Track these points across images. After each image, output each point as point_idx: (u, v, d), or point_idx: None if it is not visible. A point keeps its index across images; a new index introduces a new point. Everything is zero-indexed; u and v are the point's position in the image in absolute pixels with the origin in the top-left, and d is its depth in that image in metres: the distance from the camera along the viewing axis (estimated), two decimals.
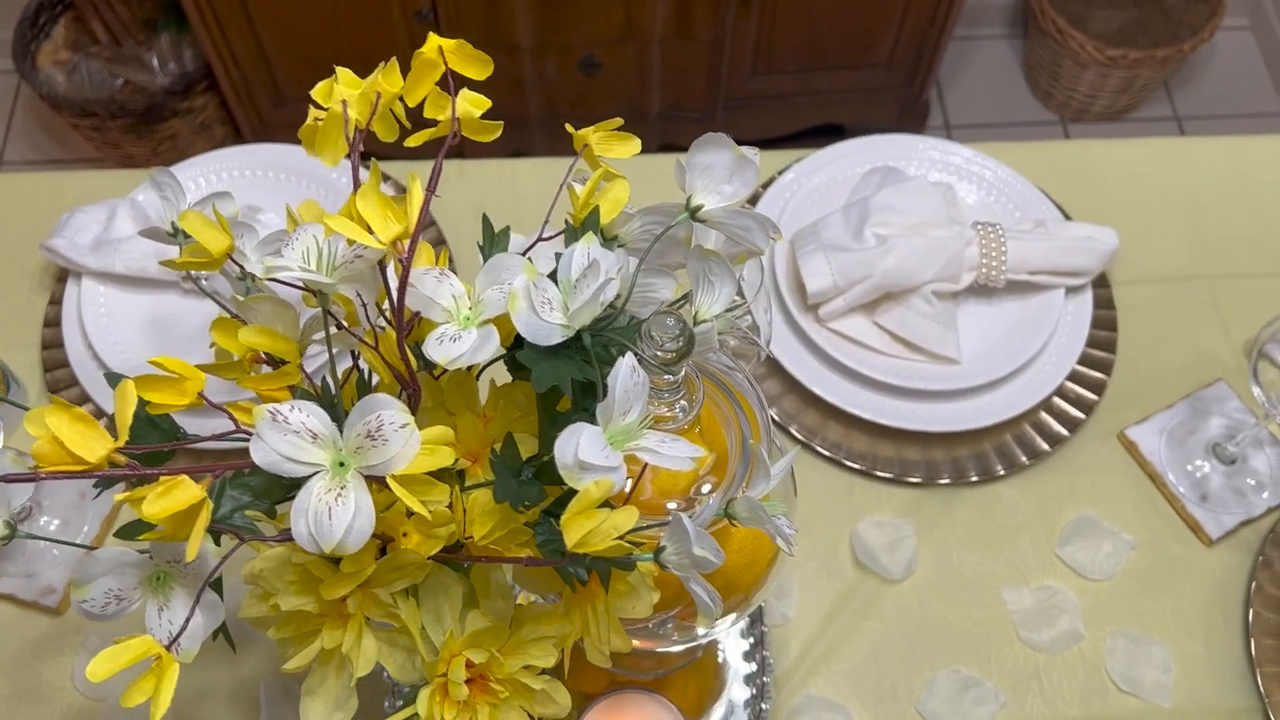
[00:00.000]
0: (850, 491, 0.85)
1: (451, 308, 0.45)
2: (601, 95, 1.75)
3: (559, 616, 0.52)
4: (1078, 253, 0.87)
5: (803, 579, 0.82)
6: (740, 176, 0.47)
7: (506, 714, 0.51)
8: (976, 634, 0.80)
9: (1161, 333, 0.92)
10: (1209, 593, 0.82)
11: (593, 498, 0.40)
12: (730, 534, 0.61)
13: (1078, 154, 1.01)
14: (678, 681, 0.82)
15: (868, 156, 0.95)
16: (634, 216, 0.49)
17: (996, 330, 0.88)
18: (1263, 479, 0.85)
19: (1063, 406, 0.87)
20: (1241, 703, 0.78)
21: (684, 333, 0.45)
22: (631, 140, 0.50)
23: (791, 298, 0.88)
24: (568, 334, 0.45)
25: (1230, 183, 1.00)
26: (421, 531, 0.47)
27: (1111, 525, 0.83)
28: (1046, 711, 0.77)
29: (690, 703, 0.82)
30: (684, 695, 0.82)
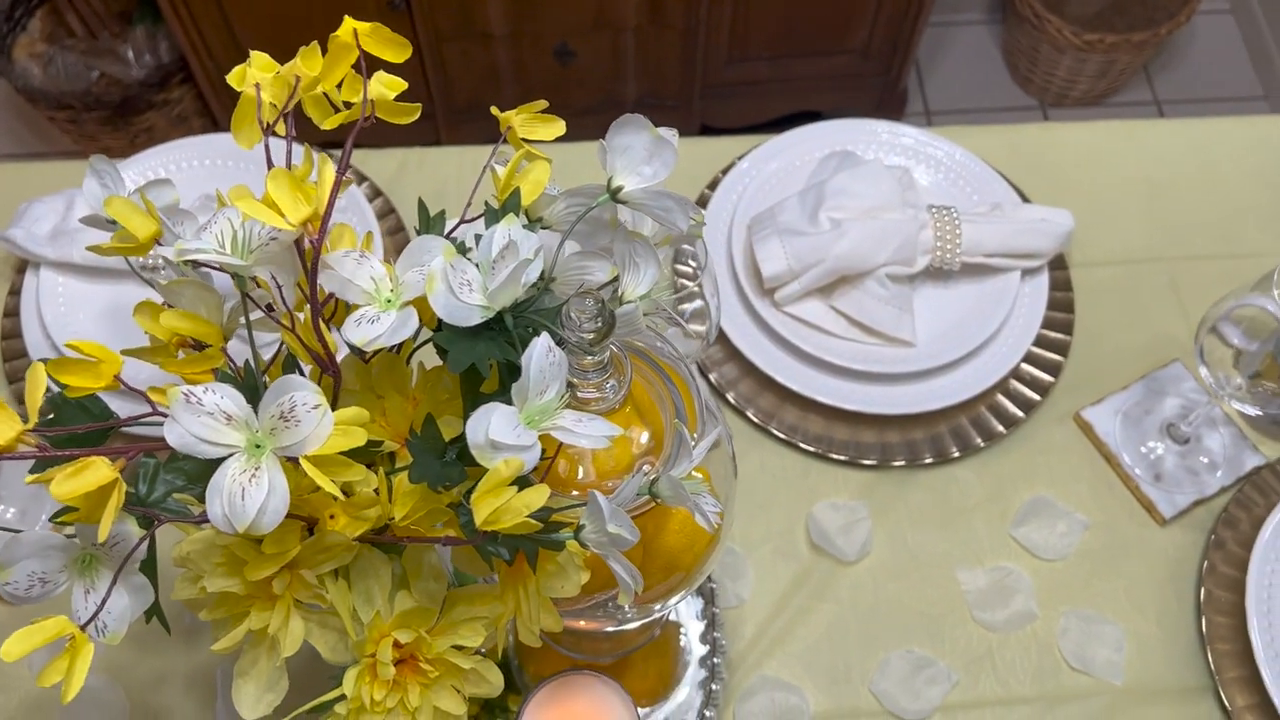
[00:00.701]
0: (807, 474, 0.86)
1: (371, 290, 0.46)
2: (576, 84, 1.75)
3: (491, 597, 0.52)
4: (1032, 235, 0.87)
5: (758, 561, 0.82)
6: (659, 158, 0.47)
7: (438, 693, 0.51)
8: (930, 614, 0.80)
9: (1119, 314, 0.92)
10: (1162, 572, 0.82)
11: (502, 476, 0.40)
12: (670, 514, 0.61)
13: (1037, 137, 1.02)
14: (638, 665, 0.83)
15: (826, 141, 0.95)
16: (558, 198, 0.49)
17: (952, 313, 0.89)
18: (1216, 458, 0.85)
19: (1018, 388, 0.88)
20: (1193, 681, 0.78)
21: (602, 313, 0.45)
22: (555, 122, 0.50)
23: (748, 282, 0.88)
24: (488, 315, 0.45)
25: (1188, 165, 1.01)
26: (348, 513, 0.48)
27: (1066, 506, 0.84)
28: (999, 690, 0.78)
29: (651, 685, 0.83)
30: (645, 679, 0.83)
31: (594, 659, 0.81)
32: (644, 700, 0.82)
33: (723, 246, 0.91)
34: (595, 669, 0.83)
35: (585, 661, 0.82)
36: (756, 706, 0.77)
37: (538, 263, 0.47)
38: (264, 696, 0.50)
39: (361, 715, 0.50)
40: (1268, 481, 0.84)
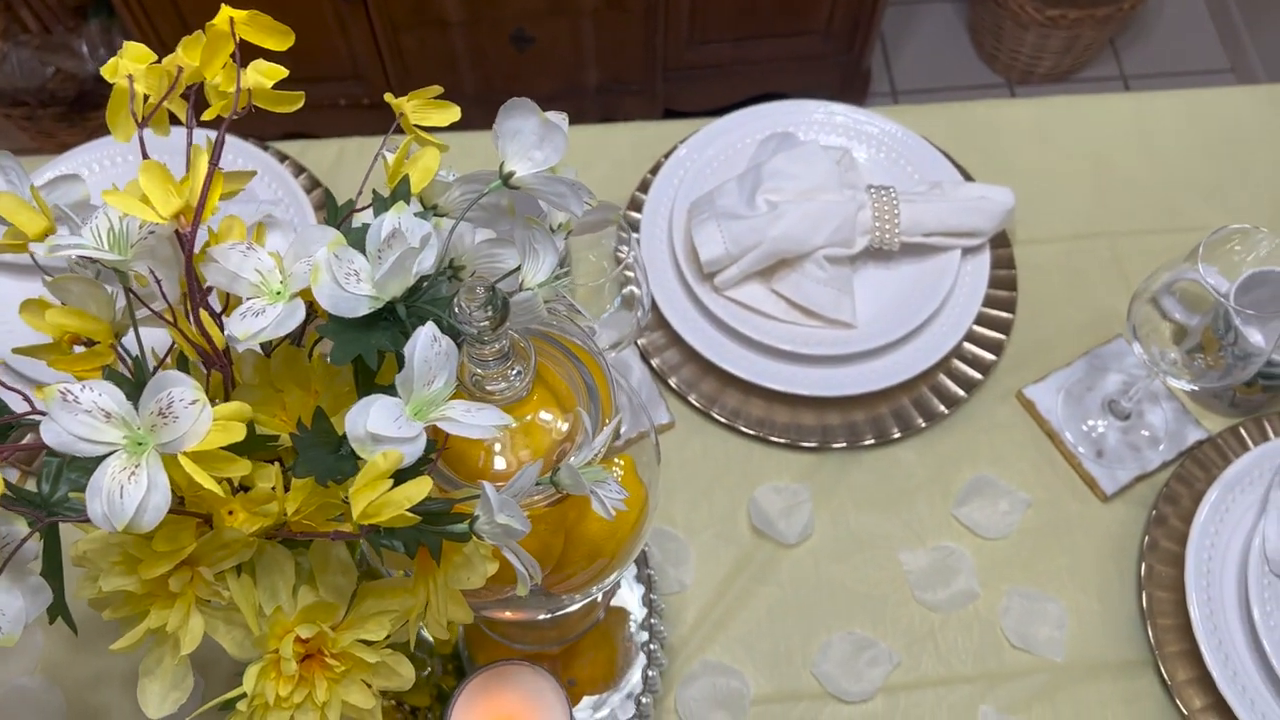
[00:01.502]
0: (749, 458, 0.85)
1: (259, 282, 0.45)
2: (536, 70, 1.74)
3: (402, 590, 0.52)
4: (971, 213, 0.87)
5: (700, 546, 0.82)
6: (550, 142, 0.46)
7: (347, 688, 0.51)
8: (872, 596, 0.80)
9: (1062, 291, 0.92)
10: (1104, 548, 0.82)
11: (380, 469, 0.40)
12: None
13: (982, 115, 1.01)
14: (586, 652, 0.82)
15: (766, 123, 0.94)
16: (452, 185, 0.49)
17: (893, 294, 0.88)
18: (1158, 433, 0.85)
19: (960, 368, 0.88)
20: (1134, 655, 0.78)
21: (492, 302, 0.44)
22: (450, 108, 0.49)
23: (688, 267, 0.88)
24: (377, 305, 0.44)
25: (1132, 138, 1.00)
26: (247, 509, 0.47)
27: (1008, 484, 0.84)
28: (941, 670, 0.78)
29: (600, 672, 0.82)
30: (594, 665, 0.83)
31: (541, 648, 0.81)
32: (594, 688, 0.82)
33: (664, 231, 0.91)
34: (544, 657, 0.83)
35: (533, 651, 0.81)
36: (697, 691, 0.77)
37: (431, 251, 0.46)
38: (169, 695, 0.49)
39: (269, 712, 0.49)
40: (1209, 456, 0.84)
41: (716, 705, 0.76)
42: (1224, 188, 0.98)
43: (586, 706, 0.79)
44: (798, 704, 0.77)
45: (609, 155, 0.99)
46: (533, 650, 0.81)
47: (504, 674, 0.69)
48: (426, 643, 0.82)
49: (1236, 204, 0.97)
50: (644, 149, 0.99)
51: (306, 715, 0.50)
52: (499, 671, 0.69)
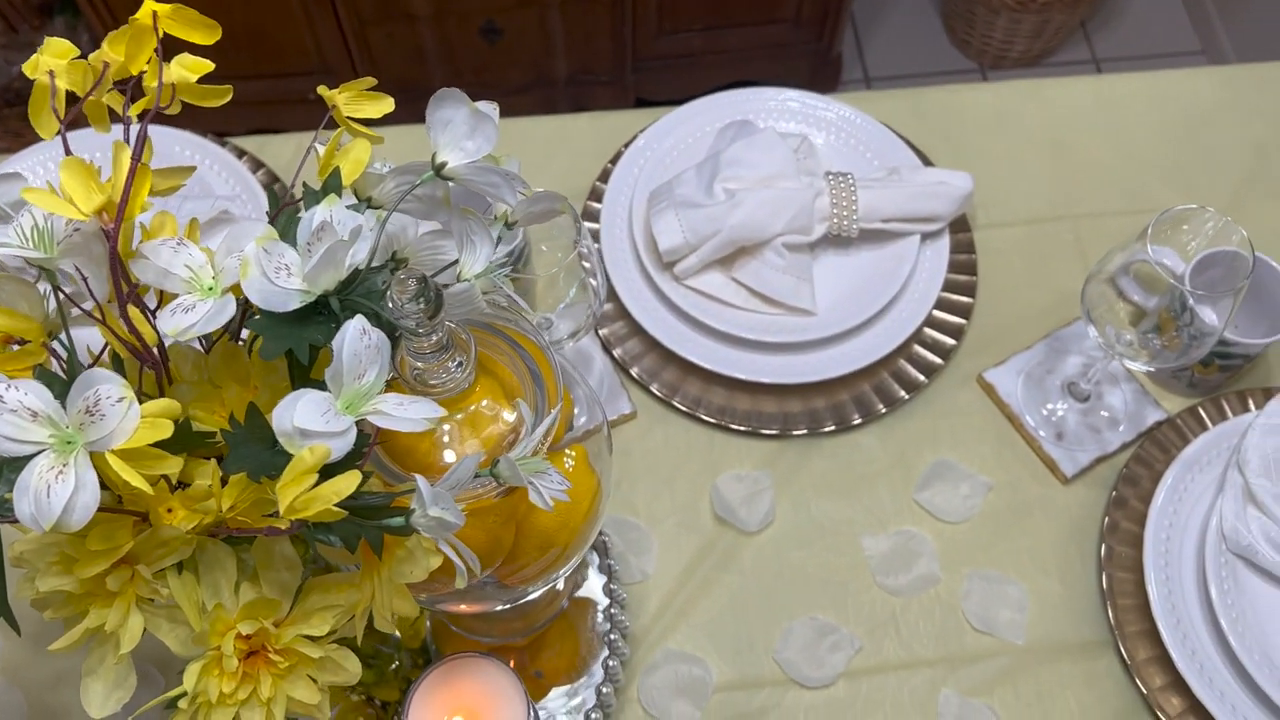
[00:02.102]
0: (711, 446, 0.85)
1: (190, 278, 0.45)
2: (506, 62, 1.74)
3: (348, 585, 0.52)
4: (929, 198, 0.87)
5: (663, 535, 0.82)
6: (481, 132, 0.46)
7: (292, 683, 0.51)
8: (834, 581, 0.80)
9: (1023, 274, 0.92)
10: (1065, 530, 0.82)
11: (307, 464, 0.40)
12: None
13: (943, 99, 1.01)
14: (553, 643, 0.82)
15: (726, 112, 0.94)
16: (386, 177, 0.48)
17: (853, 280, 0.88)
18: (1118, 415, 0.86)
19: (921, 353, 0.88)
20: (1094, 636, 0.79)
21: (424, 293, 0.44)
22: (383, 99, 0.49)
23: (648, 256, 0.88)
24: (308, 299, 0.44)
25: (1093, 121, 1.00)
26: (187, 506, 0.47)
27: (969, 468, 0.84)
28: (903, 654, 0.78)
29: (566, 663, 0.82)
30: (561, 656, 0.83)
31: (507, 639, 0.81)
32: (561, 679, 0.82)
33: (624, 221, 0.90)
34: (511, 650, 0.83)
35: (499, 643, 0.81)
36: (660, 680, 0.77)
37: (364, 243, 0.46)
38: (112, 694, 0.49)
39: (213, 709, 0.49)
40: (1168, 436, 0.84)
41: (679, 693, 0.77)
42: (1185, 169, 0.98)
43: (560, 696, 0.79)
44: (760, 691, 0.77)
45: (570, 146, 0.99)
46: (499, 643, 0.81)
47: (462, 666, 0.69)
48: (395, 638, 0.82)
49: (1197, 185, 0.97)
50: (605, 139, 0.98)
51: (252, 712, 0.50)
52: (457, 664, 0.69)
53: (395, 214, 0.53)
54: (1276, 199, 0.96)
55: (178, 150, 0.93)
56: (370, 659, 0.81)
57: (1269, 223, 0.95)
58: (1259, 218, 0.95)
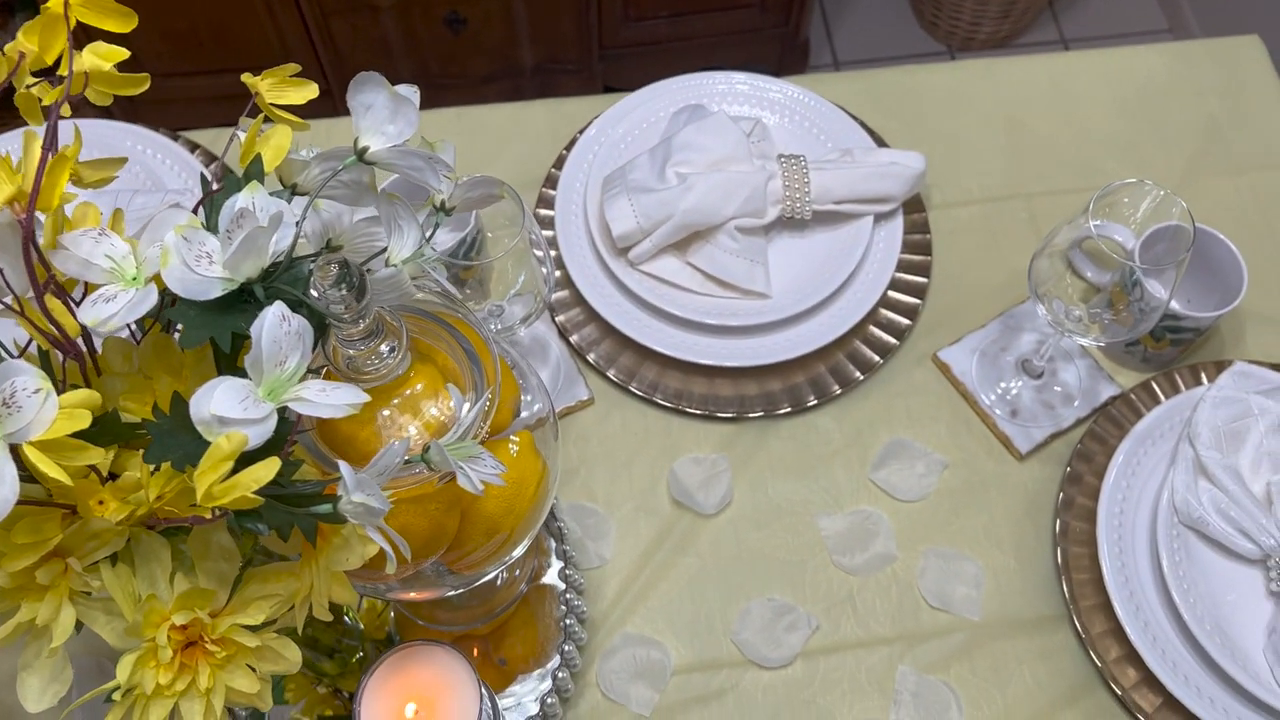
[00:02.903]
0: (668, 431, 0.86)
1: (112, 269, 0.45)
2: (471, 52, 1.73)
3: (287, 574, 0.52)
4: (881, 179, 0.87)
5: (621, 520, 0.82)
6: (402, 116, 0.46)
7: (231, 673, 0.51)
8: (791, 562, 0.81)
9: (977, 253, 0.93)
10: (1020, 506, 0.83)
11: (224, 451, 0.40)
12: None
13: (897, 80, 1.01)
14: (517, 630, 0.83)
15: (677, 97, 0.94)
16: (310, 163, 0.48)
17: (808, 262, 0.88)
18: (1072, 391, 0.86)
19: (876, 333, 0.88)
20: (1050, 610, 0.79)
21: (345, 279, 0.44)
22: (308, 85, 0.49)
23: (603, 242, 0.88)
24: (230, 287, 0.44)
25: (1048, 99, 1.01)
26: (118, 498, 0.47)
27: (924, 447, 0.84)
28: (859, 633, 0.78)
29: (529, 651, 0.82)
30: (524, 643, 0.83)
31: (469, 627, 0.81)
32: (525, 666, 0.82)
33: (579, 208, 0.90)
34: (474, 638, 0.83)
35: (462, 632, 0.82)
36: (618, 664, 0.77)
37: (288, 229, 0.46)
38: (49, 688, 0.49)
39: (150, 701, 0.49)
40: (1121, 411, 0.85)
41: (637, 677, 0.77)
42: (1139, 145, 0.98)
43: (533, 680, 0.79)
44: (718, 672, 0.77)
45: (525, 133, 0.99)
46: (462, 631, 0.81)
47: (415, 654, 0.69)
48: (359, 629, 0.82)
49: (1151, 161, 0.98)
50: (560, 126, 0.98)
51: (191, 702, 0.50)
52: (410, 652, 0.69)
53: (330, 201, 0.53)
54: (1230, 174, 0.97)
55: (129, 144, 0.93)
56: (334, 650, 0.81)
57: (1222, 197, 0.95)
58: (1212, 192, 0.96)
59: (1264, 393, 0.81)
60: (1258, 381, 0.82)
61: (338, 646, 0.81)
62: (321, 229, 0.53)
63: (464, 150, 0.98)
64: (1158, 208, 0.72)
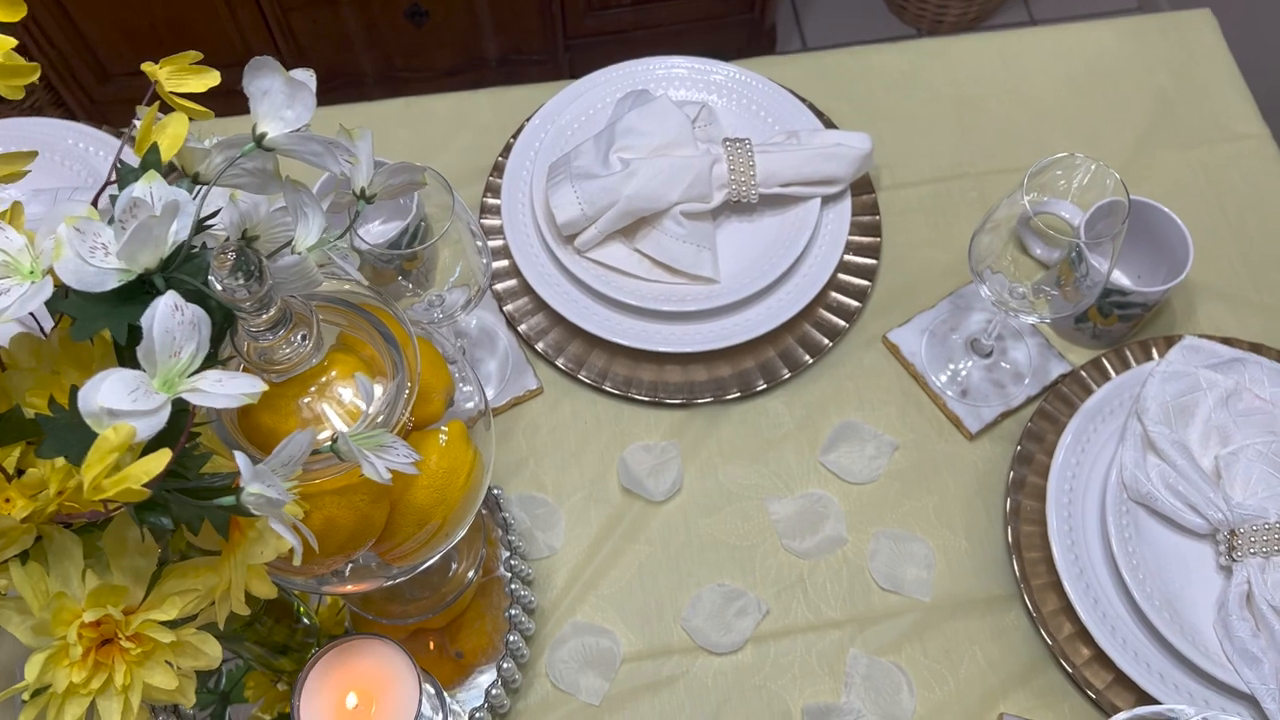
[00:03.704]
0: (618, 418, 0.85)
1: (8, 261, 0.44)
2: (435, 44, 1.72)
3: (206, 569, 0.51)
4: (827, 160, 0.86)
5: (571, 510, 0.82)
6: (300, 101, 0.46)
7: (149, 670, 0.50)
8: (741, 547, 0.80)
9: (927, 234, 0.92)
10: (971, 486, 0.83)
11: (111, 444, 0.39)
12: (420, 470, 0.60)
13: (846, 62, 1.01)
14: (471, 623, 0.82)
15: (622, 84, 0.94)
16: (212, 151, 0.48)
17: (756, 246, 0.88)
18: (1022, 369, 0.86)
19: (826, 316, 0.88)
20: (1001, 590, 0.79)
21: (242, 266, 0.44)
22: (209, 73, 0.48)
23: (549, 230, 0.87)
24: (127, 277, 0.43)
25: (998, 78, 1.00)
26: (23, 495, 0.46)
27: (874, 429, 0.84)
28: (810, 616, 0.78)
29: (484, 643, 0.82)
30: (479, 636, 0.82)
31: (421, 619, 0.81)
32: (481, 658, 0.82)
33: (525, 196, 0.90)
34: (428, 631, 0.82)
35: (415, 625, 0.81)
36: (567, 653, 0.77)
37: (186, 218, 0.45)
38: None
39: (65, 700, 0.48)
40: (1071, 389, 0.84)
41: (587, 665, 0.76)
42: (1088, 121, 0.98)
43: (490, 671, 0.78)
44: (669, 659, 0.77)
45: (471, 123, 0.98)
46: (415, 624, 0.81)
47: (355, 648, 0.68)
48: (315, 626, 0.81)
49: (1101, 137, 0.97)
50: (507, 115, 0.98)
51: (109, 701, 0.49)
52: (350, 646, 0.68)
53: (247, 193, 0.52)
54: (1180, 148, 0.96)
55: (70, 142, 0.92)
56: (287, 648, 0.80)
57: (1173, 172, 0.95)
58: (1163, 167, 0.95)
59: (1212, 367, 0.81)
60: (1207, 355, 0.82)
61: (291, 644, 0.81)
62: (239, 219, 0.52)
63: (412, 140, 0.98)
64: (1101, 182, 0.72)
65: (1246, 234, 0.92)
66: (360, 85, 1.76)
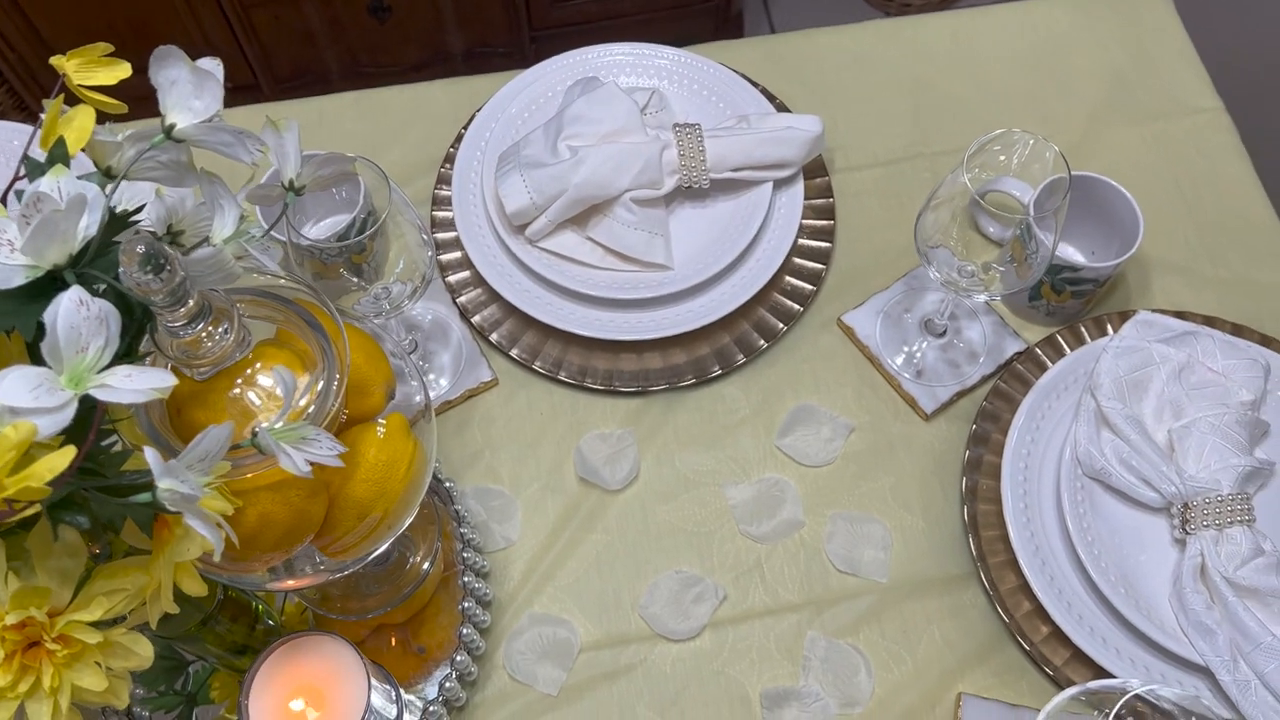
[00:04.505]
0: (575, 408, 0.85)
1: None
2: (399, 40, 1.71)
3: (134, 569, 0.51)
4: (777, 144, 0.86)
5: (527, 501, 0.82)
6: (208, 91, 0.45)
7: (79, 672, 0.49)
8: (699, 533, 0.80)
9: (881, 215, 0.92)
10: (927, 467, 0.82)
11: (10, 441, 0.38)
12: (358, 464, 0.60)
13: (799, 45, 1.00)
14: (431, 618, 0.82)
15: (572, 72, 0.93)
16: (123, 144, 0.47)
17: (709, 232, 0.88)
18: (977, 348, 0.86)
19: (780, 300, 0.87)
20: (959, 569, 0.79)
21: (151, 260, 0.43)
22: (119, 65, 0.47)
23: (500, 220, 0.86)
24: (35, 274, 0.43)
25: (951, 58, 1.00)
26: None
27: (830, 411, 0.84)
28: (768, 601, 0.78)
29: (447, 637, 0.82)
30: (441, 630, 0.82)
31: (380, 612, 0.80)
32: (444, 652, 0.81)
33: (476, 187, 0.89)
34: (390, 627, 0.82)
35: (376, 620, 0.81)
36: (524, 645, 0.76)
37: (95, 213, 0.45)
38: None
39: None
40: (1026, 367, 0.84)
41: (544, 656, 0.76)
42: (1042, 99, 0.98)
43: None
44: (626, 648, 0.77)
45: (425, 115, 0.98)
46: (377, 620, 0.81)
47: (304, 645, 0.68)
48: (277, 625, 0.81)
49: (1054, 114, 0.97)
50: (460, 106, 0.97)
51: (38, 704, 0.49)
52: (299, 643, 0.68)
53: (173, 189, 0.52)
54: (1133, 124, 0.96)
55: (16, 145, 0.91)
56: (246, 647, 0.80)
57: (1126, 149, 0.95)
58: (1118, 143, 0.95)
59: (1166, 340, 0.81)
60: (1160, 329, 0.82)
61: (251, 643, 0.80)
62: (165, 214, 0.52)
63: (363, 134, 0.97)
64: (1042, 156, 0.72)
65: (1201, 208, 0.92)
66: (326, 82, 1.75)
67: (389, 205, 0.66)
